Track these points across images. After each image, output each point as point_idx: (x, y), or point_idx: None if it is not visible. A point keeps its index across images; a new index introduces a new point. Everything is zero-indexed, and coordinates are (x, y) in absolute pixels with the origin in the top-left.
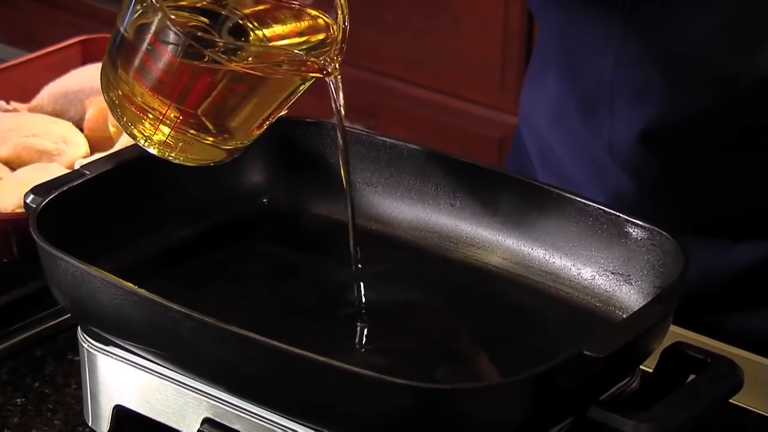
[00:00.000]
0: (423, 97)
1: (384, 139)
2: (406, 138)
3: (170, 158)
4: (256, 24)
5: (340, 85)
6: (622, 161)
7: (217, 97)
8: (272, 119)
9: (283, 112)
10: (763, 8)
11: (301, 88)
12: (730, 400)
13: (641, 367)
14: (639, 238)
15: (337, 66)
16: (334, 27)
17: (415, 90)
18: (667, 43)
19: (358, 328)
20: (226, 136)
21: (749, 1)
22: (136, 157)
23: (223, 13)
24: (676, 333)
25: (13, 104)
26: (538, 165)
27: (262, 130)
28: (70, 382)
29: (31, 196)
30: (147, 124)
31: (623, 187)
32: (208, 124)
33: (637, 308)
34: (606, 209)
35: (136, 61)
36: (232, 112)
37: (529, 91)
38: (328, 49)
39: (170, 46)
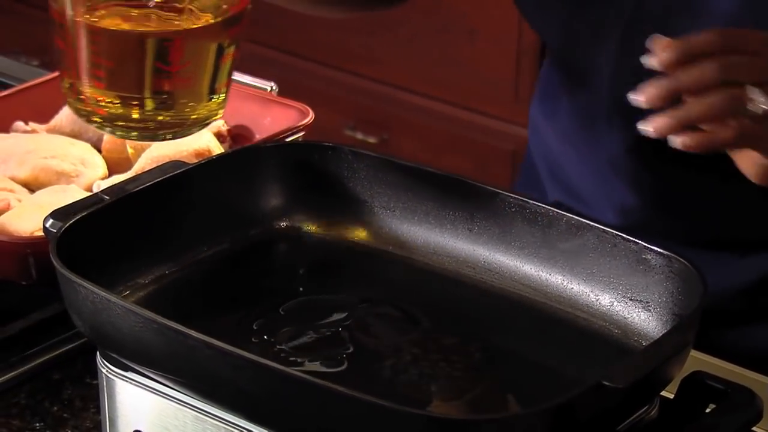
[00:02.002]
0: (436, 110)
1: (402, 163)
2: (424, 161)
3: (130, 136)
4: None
5: None
6: (624, 176)
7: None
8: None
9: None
10: (762, 10)
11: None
12: None
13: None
14: (658, 265)
15: None
16: None
17: (429, 102)
18: None
19: (375, 354)
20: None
21: (750, 9)
22: (154, 181)
23: None
24: (695, 357)
25: (32, 125)
26: (547, 179)
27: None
28: (88, 406)
29: (51, 221)
30: (86, 104)
31: (628, 202)
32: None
33: (656, 335)
34: (624, 236)
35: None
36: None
37: (537, 105)
38: None
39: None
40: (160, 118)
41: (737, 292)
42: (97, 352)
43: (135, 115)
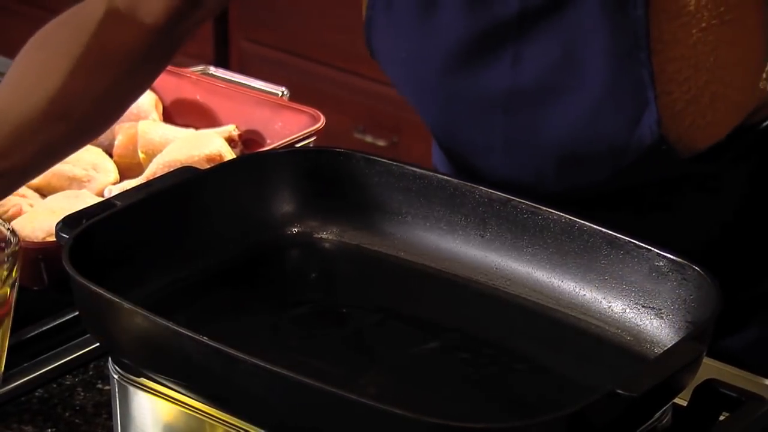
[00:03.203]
0: None
1: (414, 169)
2: (436, 168)
3: None
4: None
5: None
6: None
7: None
8: None
9: None
10: (635, 82)
11: None
12: None
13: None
14: (670, 272)
15: None
16: None
17: None
18: (548, 134)
19: (386, 360)
20: None
21: (620, 81)
22: (166, 187)
23: None
24: (708, 365)
25: None
26: None
27: None
28: (100, 412)
29: (63, 226)
30: None
31: None
32: None
33: (668, 343)
34: (637, 242)
35: None
36: None
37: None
38: None
39: None
40: None
41: None
42: (109, 358)
43: None
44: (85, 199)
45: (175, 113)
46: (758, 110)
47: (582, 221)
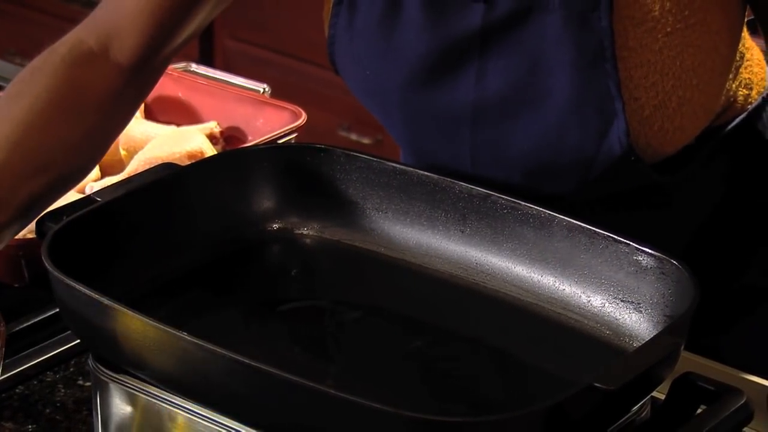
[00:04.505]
0: None
1: (394, 165)
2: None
3: None
4: None
5: None
6: None
7: None
8: None
9: None
10: (601, 93)
11: None
12: None
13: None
14: (649, 267)
15: None
16: None
17: None
18: (515, 147)
19: (367, 356)
20: None
21: (585, 94)
22: (147, 184)
23: None
24: (686, 358)
25: None
26: None
27: None
28: (81, 408)
29: (43, 223)
30: None
31: None
32: None
33: (647, 337)
34: (616, 237)
35: None
36: None
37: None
38: None
39: None
40: None
41: None
42: (90, 355)
43: None
44: (67, 195)
45: (156, 110)
46: (725, 112)
47: (561, 216)
